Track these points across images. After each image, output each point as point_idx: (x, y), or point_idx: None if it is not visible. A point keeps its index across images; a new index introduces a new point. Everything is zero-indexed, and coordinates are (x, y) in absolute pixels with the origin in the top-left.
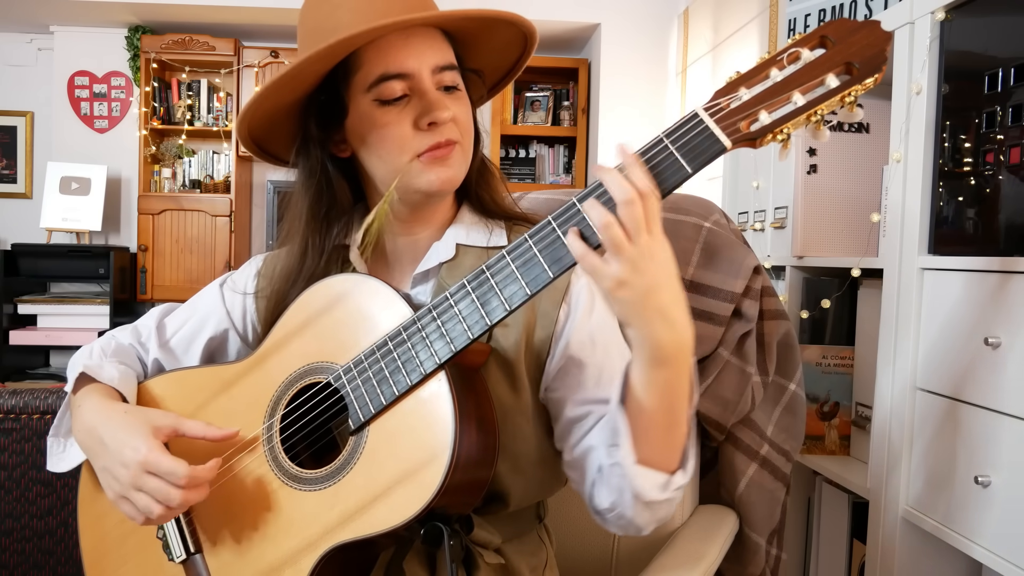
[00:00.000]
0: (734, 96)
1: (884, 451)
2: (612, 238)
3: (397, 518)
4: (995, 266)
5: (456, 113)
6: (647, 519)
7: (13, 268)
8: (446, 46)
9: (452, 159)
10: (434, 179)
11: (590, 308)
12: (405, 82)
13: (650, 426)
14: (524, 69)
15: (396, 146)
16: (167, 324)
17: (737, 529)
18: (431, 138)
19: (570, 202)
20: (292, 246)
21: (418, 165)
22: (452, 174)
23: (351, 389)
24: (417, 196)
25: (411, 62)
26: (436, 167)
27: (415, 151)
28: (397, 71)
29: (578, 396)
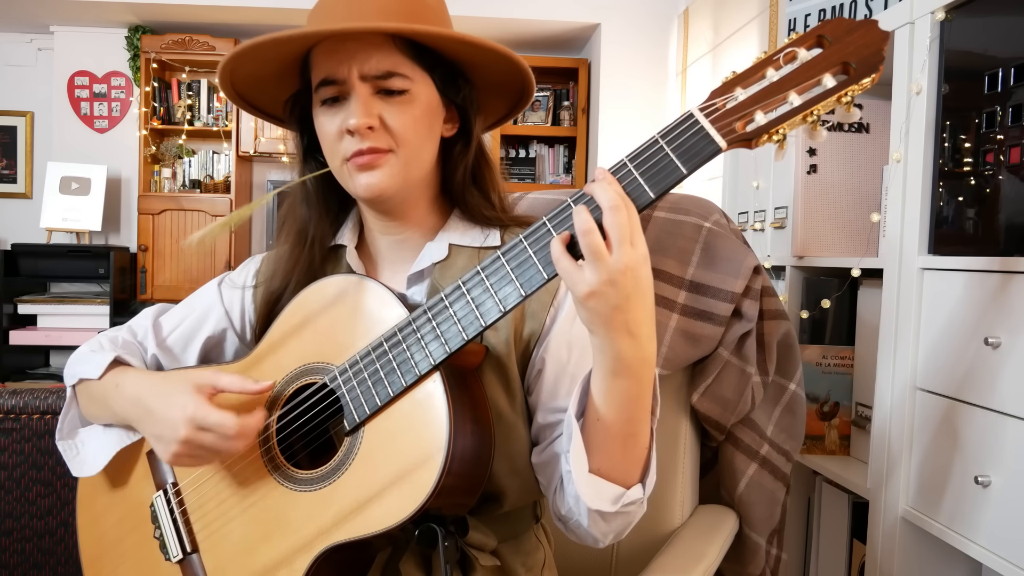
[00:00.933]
0: (730, 96)
1: (884, 451)
2: (591, 245)
3: (392, 519)
4: (995, 266)
5: (392, 121)
6: (603, 530)
7: (13, 268)
8: (391, 52)
9: (381, 167)
10: (361, 184)
11: (573, 316)
12: (337, 87)
13: (608, 437)
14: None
15: (328, 149)
16: (163, 323)
17: (737, 529)
18: (353, 144)
19: (566, 203)
20: (288, 246)
21: (346, 170)
22: (379, 182)
23: (347, 390)
24: (359, 200)
25: (341, 68)
26: (361, 173)
27: (342, 156)
28: (330, 76)
29: (550, 401)
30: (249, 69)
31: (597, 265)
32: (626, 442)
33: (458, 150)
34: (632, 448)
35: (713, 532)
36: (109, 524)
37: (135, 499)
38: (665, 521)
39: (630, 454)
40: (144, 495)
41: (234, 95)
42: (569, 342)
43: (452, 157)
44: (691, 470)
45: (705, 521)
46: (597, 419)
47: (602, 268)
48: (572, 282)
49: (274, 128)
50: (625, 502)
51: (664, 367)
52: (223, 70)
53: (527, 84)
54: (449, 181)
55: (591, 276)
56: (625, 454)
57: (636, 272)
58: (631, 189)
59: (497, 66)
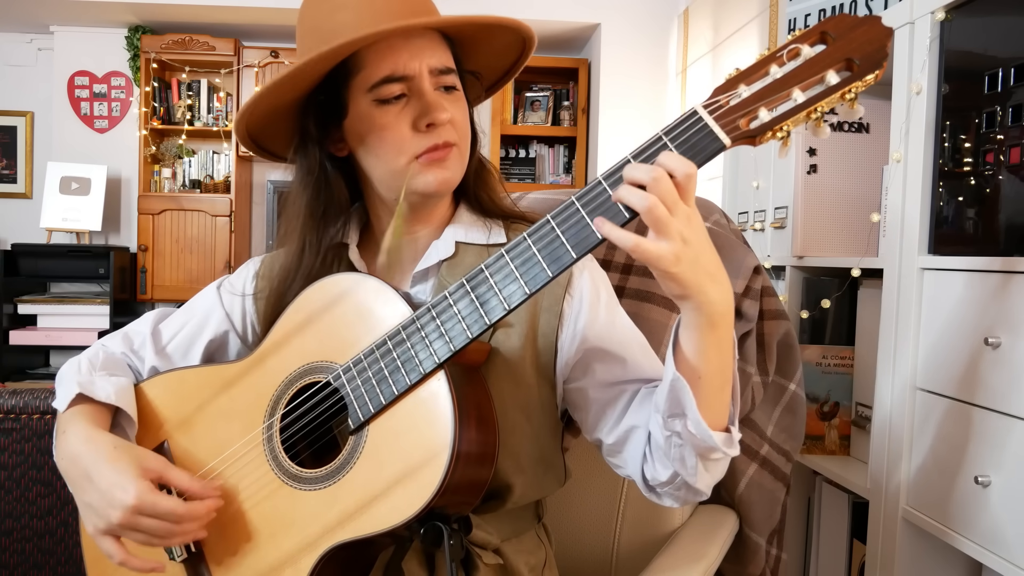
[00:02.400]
0: (733, 93)
1: (884, 451)
2: (658, 217)
3: (397, 517)
4: (995, 266)
5: (454, 115)
6: (707, 482)
7: (13, 268)
8: (445, 49)
9: (449, 161)
10: (432, 180)
11: (596, 297)
12: (404, 83)
13: (708, 390)
14: (524, 69)
15: (394, 147)
16: (162, 330)
17: (737, 529)
18: (429, 140)
19: (568, 201)
20: (290, 245)
21: (416, 166)
22: (449, 175)
23: (351, 389)
24: (415, 197)
25: (412, 64)
26: (434, 168)
27: (413, 152)
28: (398, 73)
29: (605, 381)
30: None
31: (667, 233)
32: (723, 388)
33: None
34: (726, 394)
35: (713, 532)
36: None
37: None
38: (665, 521)
39: (725, 399)
40: None
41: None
42: (608, 322)
43: None
44: None
45: (705, 521)
46: (698, 377)
47: (672, 233)
48: (655, 258)
49: None
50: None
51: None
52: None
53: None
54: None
55: (667, 246)
56: (722, 401)
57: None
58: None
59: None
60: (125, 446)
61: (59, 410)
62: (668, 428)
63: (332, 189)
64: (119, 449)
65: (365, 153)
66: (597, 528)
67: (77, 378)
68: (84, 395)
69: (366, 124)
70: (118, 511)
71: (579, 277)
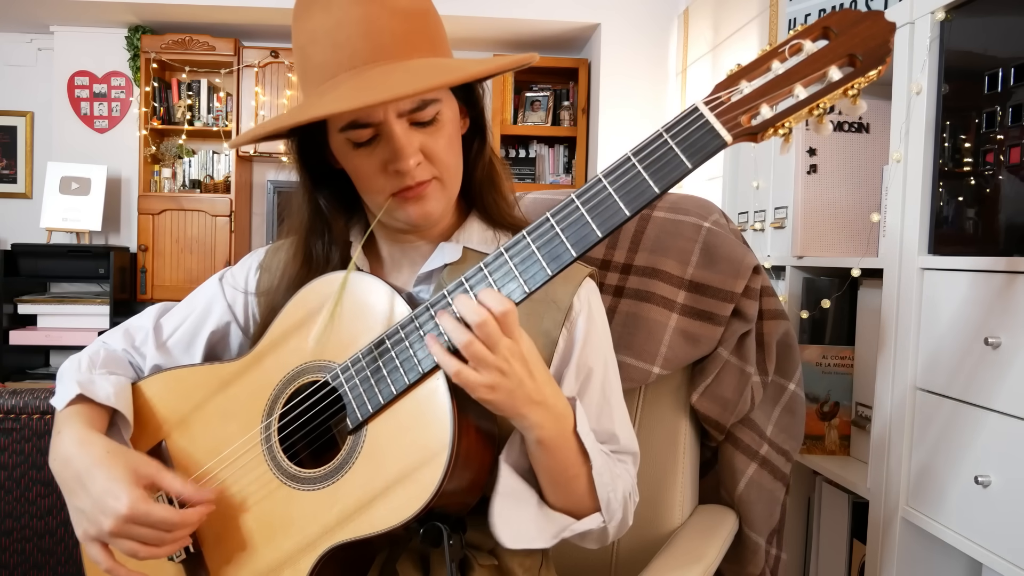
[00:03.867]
0: (735, 89)
1: (884, 451)
2: (475, 354)
3: (396, 518)
4: (995, 266)
5: (431, 149)
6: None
7: (13, 268)
8: None
9: (428, 196)
10: (412, 214)
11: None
12: (373, 128)
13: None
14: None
15: (368, 187)
16: (164, 324)
17: (737, 529)
18: (401, 181)
19: (568, 199)
20: (291, 247)
21: (393, 202)
22: (429, 208)
23: (349, 388)
24: (401, 225)
25: (376, 112)
26: (411, 204)
27: (387, 192)
28: (362, 120)
29: None
30: None
31: (486, 366)
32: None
33: (475, 148)
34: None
35: (713, 532)
36: None
37: None
38: (665, 521)
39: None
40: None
41: None
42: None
43: (470, 156)
44: (691, 470)
45: (705, 521)
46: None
47: (491, 367)
48: (472, 386)
49: None
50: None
51: (664, 367)
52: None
53: None
54: (468, 180)
55: (484, 377)
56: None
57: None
58: (633, 186)
59: None
60: (119, 451)
61: (57, 408)
62: None
63: (332, 192)
64: (112, 454)
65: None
66: None
67: (77, 377)
68: (84, 396)
69: (344, 158)
70: (110, 519)
71: (578, 312)
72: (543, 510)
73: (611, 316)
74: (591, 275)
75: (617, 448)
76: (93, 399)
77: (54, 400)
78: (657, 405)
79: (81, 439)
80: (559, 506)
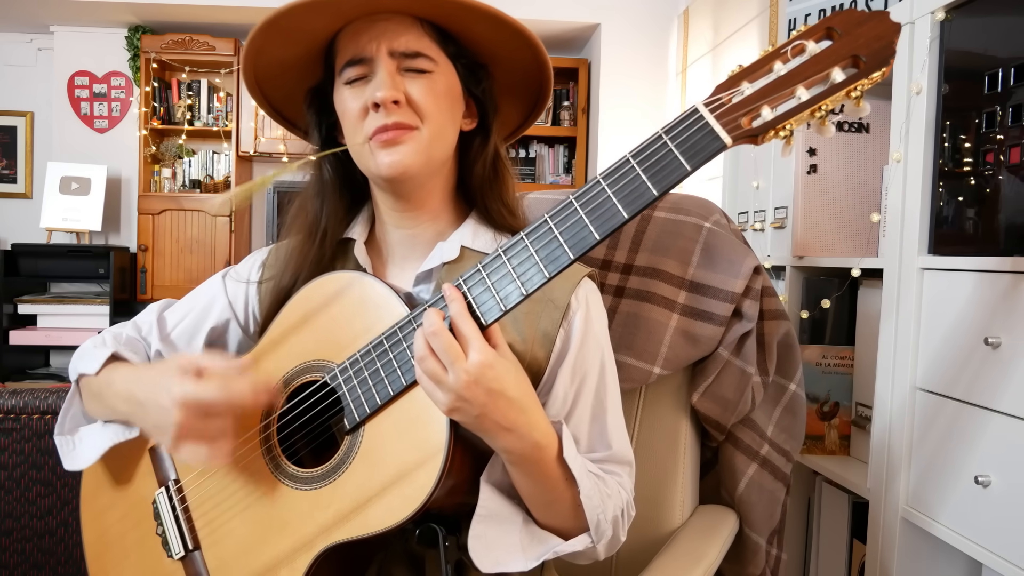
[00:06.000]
0: (736, 91)
1: (884, 451)
2: (427, 371)
3: (392, 518)
4: (996, 266)
5: (416, 97)
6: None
7: (13, 268)
8: (418, 33)
9: (404, 144)
10: (383, 163)
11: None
12: (365, 66)
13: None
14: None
15: (351, 126)
16: (167, 318)
17: (737, 529)
18: (378, 119)
19: (567, 200)
20: (298, 239)
21: (368, 148)
22: (402, 159)
23: (347, 389)
24: (380, 181)
25: (370, 46)
26: (384, 150)
27: (366, 133)
28: (358, 55)
29: None
30: (274, 52)
31: (442, 386)
32: (549, 506)
33: (476, 145)
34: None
35: (713, 532)
36: (112, 520)
37: (137, 495)
38: (665, 521)
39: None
40: (146, 491)
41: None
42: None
43: (471, 153)
44: (691, 470)
45: (705, 521)
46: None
47: (446, 390)
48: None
49: (274, 128)
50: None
51: (664, 367)
52: (249, 50)
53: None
54: (467, 178)
55: (442, 397)
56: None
57: (482, 379)
58: (631, 188)
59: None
60: (159, 362)
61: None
62: None
63: (344, 185)
64: (154, 367)
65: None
66: None
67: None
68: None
69: (340, 107)
70: (173, 411)
71: (575, 312)
72: (529, 528)
73: (611, 316)
74: (590, 275)
75: (610, 457)
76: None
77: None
78: (657, 405)
79: (128, 374)
80: (544, 524)
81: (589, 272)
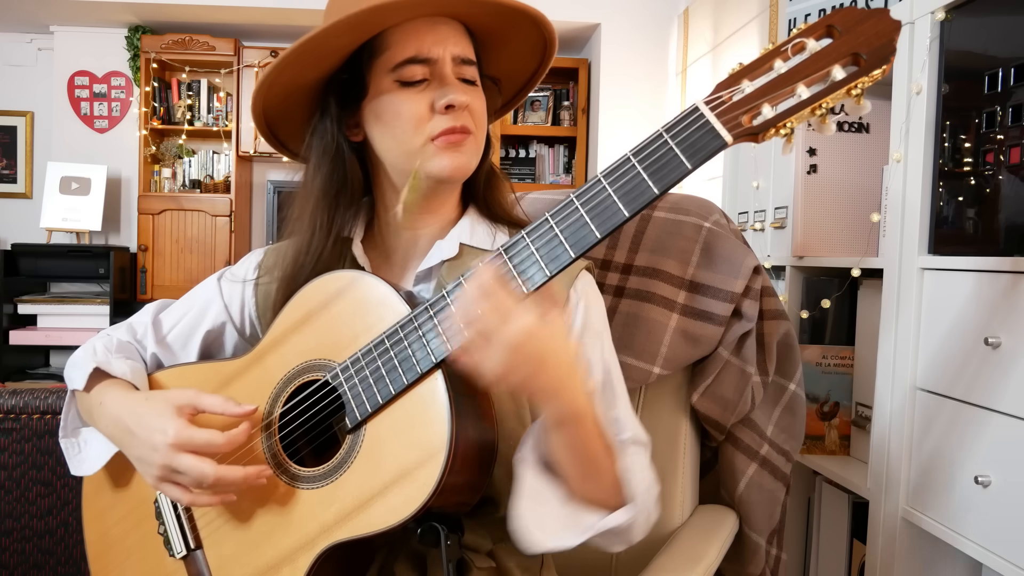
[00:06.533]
0: (736, 89)
1: (884, 451)
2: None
3: (394, 517)
4: (996, 266)
5: (472, 104)
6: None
7: (13, 268)
8: (468, 42)
9: (465, 147)
10: (447, 164)
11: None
12: (427, 67)
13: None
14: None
15: (412, 126)
16: (163, 320)
17: (737, 529)
18: (447, 121)
19: (568, 199)
20: (301, 228)
21: (431, 148)
22: (464, 161)
23: (348, 388)
24: (428, 182)
25: (436, 49)
26: (449, 152)
27: (430, 133)
28: (422, 55)
29: None
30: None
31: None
32: (587, 478)
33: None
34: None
35: (713, 532)
36: (113, 520)
37: (139, 495)
38: (665, 521)
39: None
40: (148, 491)
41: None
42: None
43: None
44: (691, 470)
45: (705, 521)
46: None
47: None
48: (476, 373)
49: None
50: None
51: (664, 367)
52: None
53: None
54: (469, 181)
55: (491, 361)
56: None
57: (528, 343)
58: (632, 187)
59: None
60: (156, 393)
61: (78, 389)
62: None
63: (347, 169)
64: (150, 398)
65: (381, 135)
66: None
67: (95, 359)
68: (101, 370)
69: (385, 104)
70: (160, 452)
71: (575, 303)
72: (569, 506)
73: (611, 316)
74: (588, 268)
75: (626, 438)
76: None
77: (74, 383)
78: (657, 405)
79: (121, 399)
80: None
81: (587, 265)
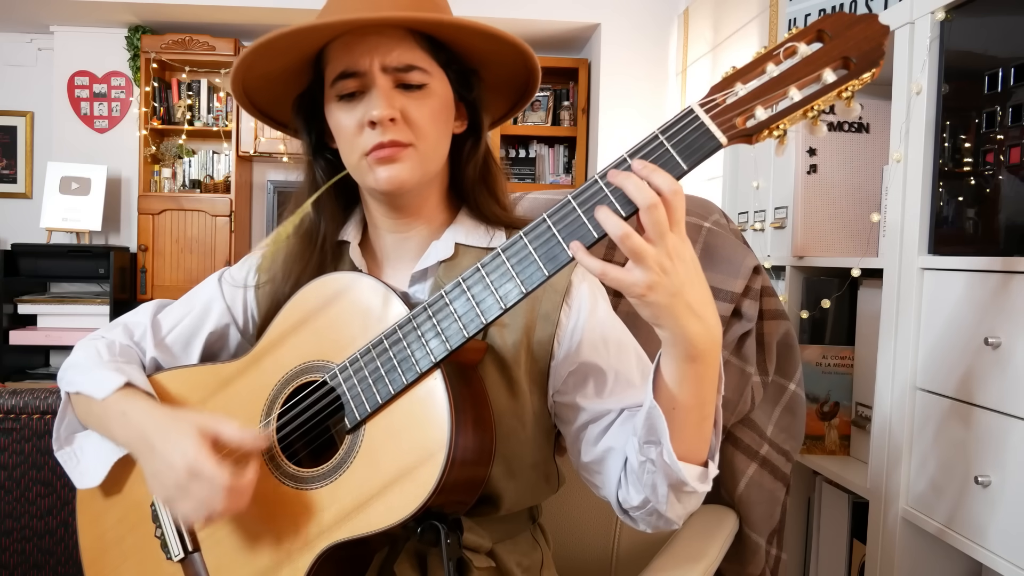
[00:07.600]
0: (730, 91)
1: (884, 451)
2: (633, 248)
3: (393, 517)
4: (995, 266)
5: (412, 114)
6: (679, 512)
7: (13, 268)
8: (411, 46)
9: (402, 160)
10: (381, 178)
11: (594, 309)
12: (358, 80)
13: (684, 423)
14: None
15: (347, 143)
16: (162, 321)
17: (737, 529)
18: (375, 137)
19: (565, 199)
20: (296, 244)
21: (366, 164)
22: (399, 174)
23: (347, 388)
24: (377, 195)
25: (363, 61)
26: (381, 166)
27: (362, 150)
28: (350, 69)
29: (593, 398)
30: (262, 66)
31: (644, 263)
32: (702, 423)
33: (468, 147)
34: (705, 428)
35: (713, 532)
36: (109, 523)
37: (135, 498)
38: None
39: (703, 434)
40: (144, 494)
41: (242, 94)
42: (602, 336)
43: (462, 154)
44: None
45: (705, 521)
46: (673, 407)
47: (650, 264)
48: (625, 286)
49: None
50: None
51: None
52: (239, 67)
53: (532, 80)
54: (458, 178)
55: (640, 275)
56: (699, 435)
57: (684, 255)
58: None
59: (506, 60)
60: (183, 412)
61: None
62: (643, 454)
63: (338, 190)
64: (176, 416)
65: (339, 147)
66: (597, 528)
67: (112, 366)
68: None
69: (332, 118)
70: (176, 472)
71: (578, 287)
72: None
73: None
74: None
75: None
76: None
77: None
78: None
79: (148, 411)
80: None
81: None
